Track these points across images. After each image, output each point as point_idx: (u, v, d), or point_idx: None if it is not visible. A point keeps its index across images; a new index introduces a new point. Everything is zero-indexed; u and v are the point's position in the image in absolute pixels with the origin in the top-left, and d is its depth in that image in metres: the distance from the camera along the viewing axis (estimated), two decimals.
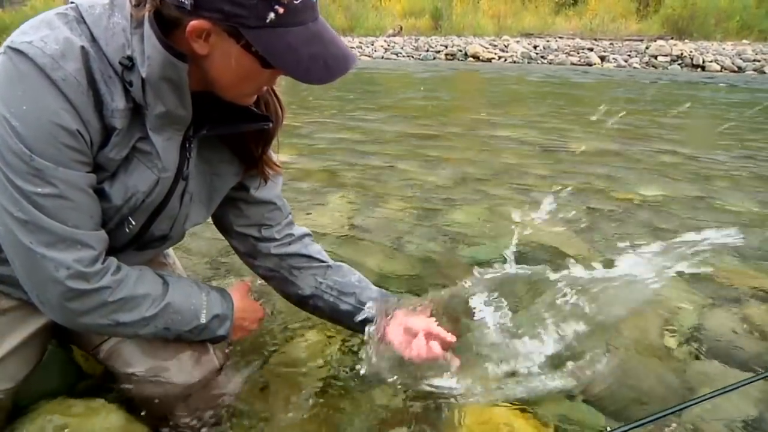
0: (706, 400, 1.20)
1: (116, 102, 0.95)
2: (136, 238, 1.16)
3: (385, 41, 27.68)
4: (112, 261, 1.09)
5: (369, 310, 1.41)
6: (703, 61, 18.43)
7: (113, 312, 1.08)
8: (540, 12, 40.72)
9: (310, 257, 1.46)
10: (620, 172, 4.06)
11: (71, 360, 1.51)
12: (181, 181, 1.12)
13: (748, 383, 1.25)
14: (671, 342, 1.76)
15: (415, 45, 25.72)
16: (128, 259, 1.15)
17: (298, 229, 1.49)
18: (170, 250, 1.60)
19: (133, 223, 1.10)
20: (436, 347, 1.33)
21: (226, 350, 1.47)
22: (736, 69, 17.78)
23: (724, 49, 22.46)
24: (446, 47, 23.85)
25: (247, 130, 1.17)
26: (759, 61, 18.64)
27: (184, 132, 1.07)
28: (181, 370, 1.27)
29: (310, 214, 3.01)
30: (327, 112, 7.40)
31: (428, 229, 2.75)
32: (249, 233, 1.40)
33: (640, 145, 5.25)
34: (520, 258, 2.40)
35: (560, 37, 30.16)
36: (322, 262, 1.48)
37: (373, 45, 25.77)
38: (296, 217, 2.88)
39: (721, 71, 17.67)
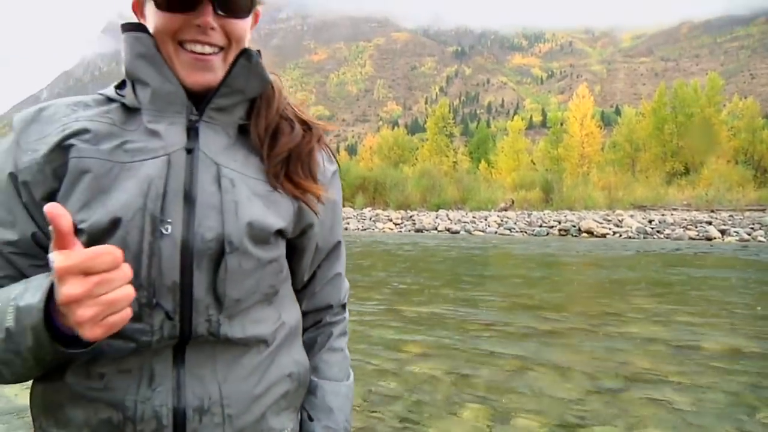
0: None
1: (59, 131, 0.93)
2: (187, 251, 0.89)
3: (497, 215, 28.79)
4: None
5: None
6: None
7: None
8: (651, 183, 40.81)
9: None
10: (766, 382, 3.94)
11: None
12: (202, 156, 0.95)
13: None
14: None
15: (528, 220, 26.45)
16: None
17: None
18: None
19: (169, 220, 0.89)
20: None
21: None
22: None
23: None
24: (559, 222, 24.40)
25: (261, 119, 1.03)
26: None
27: (186, 116, 0.97)
28: None
29: (441, 422, 3.32)
30: (445, 300, 7.73)
31: None
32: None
33: None
34: None
35: (675, 209, 29.90)
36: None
37: (486, 220, 26.88)
38: (425, 425, 3.13)
39: None
